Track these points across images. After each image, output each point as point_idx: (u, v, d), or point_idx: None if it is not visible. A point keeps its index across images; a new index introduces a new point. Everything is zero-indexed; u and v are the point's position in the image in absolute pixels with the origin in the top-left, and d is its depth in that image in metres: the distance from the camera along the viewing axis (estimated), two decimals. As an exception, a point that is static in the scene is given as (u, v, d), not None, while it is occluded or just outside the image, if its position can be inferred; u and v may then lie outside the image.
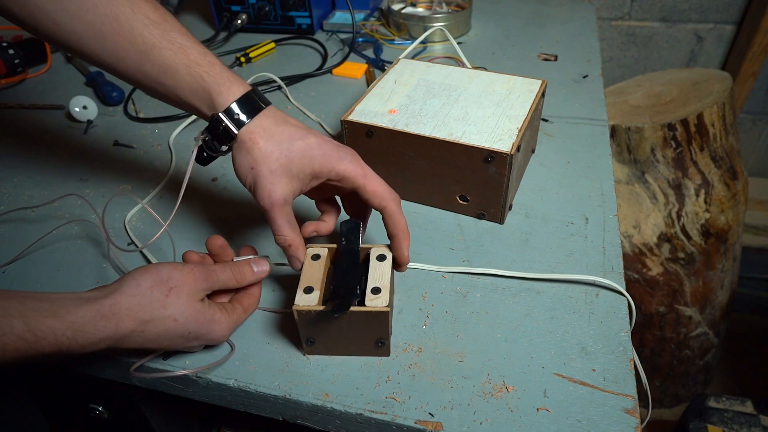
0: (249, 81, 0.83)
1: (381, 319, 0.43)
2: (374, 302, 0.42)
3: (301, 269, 0.46)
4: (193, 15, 1.14)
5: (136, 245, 0.58)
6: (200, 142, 0.47)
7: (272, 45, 0.97)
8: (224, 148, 0.47)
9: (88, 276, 0.55)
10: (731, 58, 1.35)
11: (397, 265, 0.47)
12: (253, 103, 0.46)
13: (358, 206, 0.51)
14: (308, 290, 0.43)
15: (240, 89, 0.46)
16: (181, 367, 0.46)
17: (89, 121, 0.78)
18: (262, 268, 0.48)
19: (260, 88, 0.86)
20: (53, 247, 0.59)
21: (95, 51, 0.46)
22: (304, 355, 0.46)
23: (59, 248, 0.58)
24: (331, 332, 0.44)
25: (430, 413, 0.42)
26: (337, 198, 0.53)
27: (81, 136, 0.76)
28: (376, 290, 0.43)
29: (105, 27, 0.45)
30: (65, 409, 0.70)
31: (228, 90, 0.46)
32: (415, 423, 0.41)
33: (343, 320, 0.43)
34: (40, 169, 0.70)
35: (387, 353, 0.46)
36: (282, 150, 0.45)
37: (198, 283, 0.43)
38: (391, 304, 0.43)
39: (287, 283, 0.53)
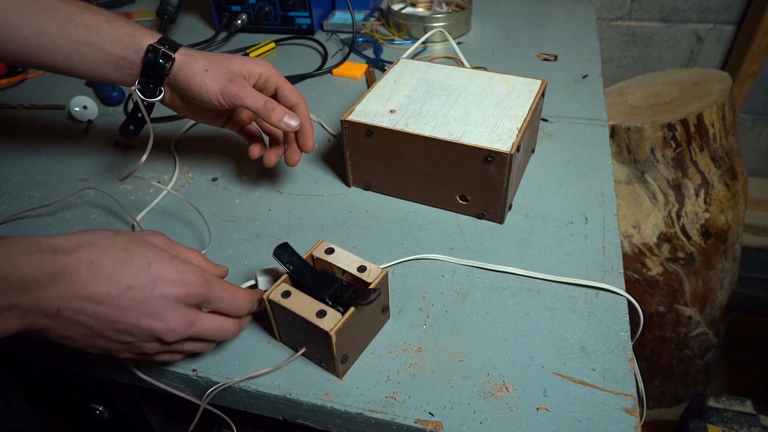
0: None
1: (385, 283, 0.45)
2: (371, 274, 0.44)
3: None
4: (193, 15, 1.14)
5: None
6: (138, 87, 0.52)
7: (272, 45, 0.97)
8: (158, 93, 0.53)
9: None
10: (731, 58, 1.35)
11: (306, 149, 0.58)
12: (172, 41, 0.53)
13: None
14: (321, 314, 0.42)
15: (157, 34, 0.53)
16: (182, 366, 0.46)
17: (89, 121, 0.78)
18: (259, 298, 0.45)
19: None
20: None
21: (20, 32, 0.49)
22: (341, 378, 0.45)
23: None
24: (355, 333, 0.44)
25: (430, 413, 0.42)
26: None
27: (81, 136, 0.76)
28: (361, 268, 0.45)
29: (27, 7, 0.49)
30: (65, 409, 0.70)
31: (150, 34, 0.52)
32: (415, 422, 0.41)
33: (363, 309, 0.43)
34: (40, 169, 0.71)
35: (389, 316, 0.49)
36: (218, 57, 0.54)
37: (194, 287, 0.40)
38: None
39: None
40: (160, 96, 0.54)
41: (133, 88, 0.53)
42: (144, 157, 0.56)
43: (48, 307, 0.35)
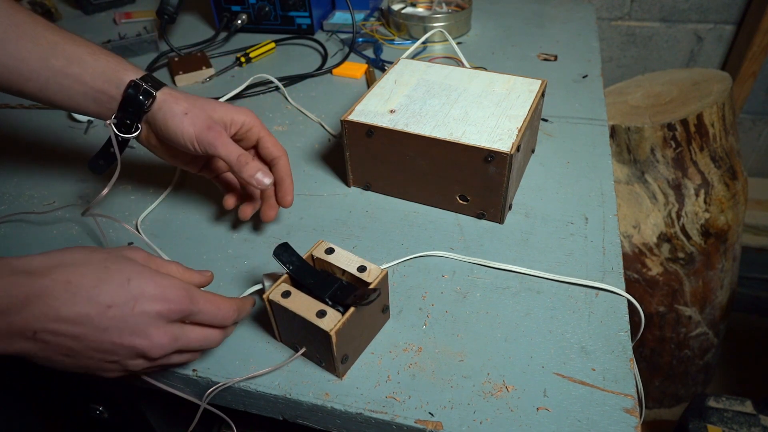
0: (246, 82, 0.83)
1: (385, 283, 0.45)
2: (371, 274, 0.44)
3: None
4: (193, 15, 1.14)
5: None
6: (113, 122, 0.51)
7: (272, 45, 0.97)
8: (134, 129, 0.52)
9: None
10: (731, 58, 1.35)
11: (284, 204, 0.55)
12: (155, 79, 0.52)
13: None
14: (321, 314, 0.42)
15: (141, 71, 0.52)
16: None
17: (90, 122, 0.78)
18: (247, 308, 0.45)
19: (258, 89, 0.86)
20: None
21: None
22: (341, 378, 0.45)
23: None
24: (355, 333, 0.44)
25: (430, 413, 0.42)
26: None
27: (81, 137, 0.76)
28: (361, 268, 0.45)
29: (7, 34, 0.48)
30: (65, 409, 0.70)
31: (133, 70, 0.51)
32: (415, 422, 0.41)
33: (363, 309, 0.43)
34: (40, 169, 0.71)
35: (389, 316, 0.49)
36: (201, 101, 0.52)
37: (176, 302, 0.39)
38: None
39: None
40: (137, 132, 0.52)
41: (108, 122, 0.51)
42: (105, 191, 0.54)
43: (24, 330, 0.34)
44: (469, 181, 0.57)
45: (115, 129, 0.51)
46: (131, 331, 0.37)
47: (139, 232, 0.60)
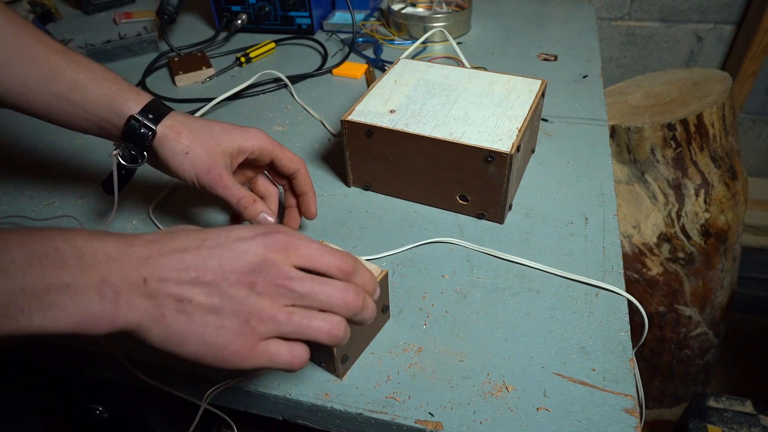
0: (252, 80, 0.84)
1: (384, 283, 0.45)
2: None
3: None
4: (193, 15, 1.14)
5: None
6: (118, 153, 0.50)
7: (272, 45, 0.97)
8: (139, 158, 0.50)
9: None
10: (731, 58, 1.35)
11: (308, 217, 0.54)
12: (160, 108, 0.50)
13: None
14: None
15: (146, 98, 0.50)
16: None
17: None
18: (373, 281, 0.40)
19: (263, 87, 0.86)
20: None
21: (3, 77, 0.48)
22: (341, 378, 0.45)
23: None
24: (355, 333, 0.44)
25: (430, 413, 0.42)
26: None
27: (82, 136, 0.76)
28: None
29: (12, 56, 0.47)
30: (65, 409, 0.70)
31: (135, 99, 0.49)
32: (415, 422, 0.41)
33: None
34: (40, 169, 0.70)
35: (389, 316, 0.49)
36: (205, 134, 0.49)
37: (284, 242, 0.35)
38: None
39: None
40: (141, 162, 0.51)
41: (111, 153, 0.51)
42: (110, 219, 0.56)
43: (134, 278, 0.32)
44: (469, 181, 0.57)
45: (120, 159, 0.50)
46: (237, 249, 0.34)
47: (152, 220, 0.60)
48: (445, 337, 0.48)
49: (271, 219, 0.48)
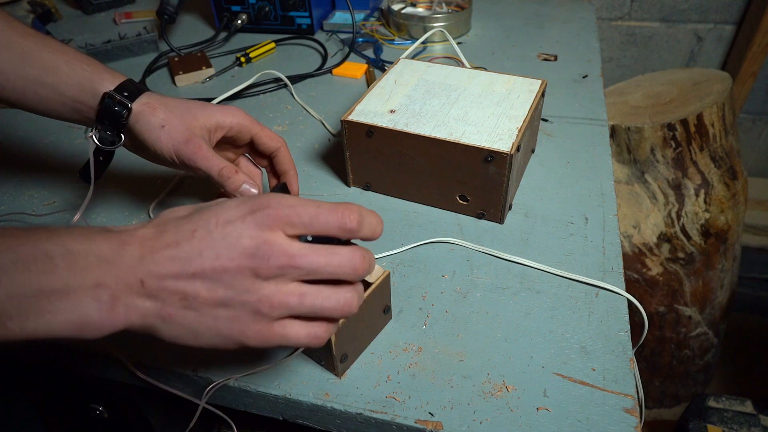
0: (252, 80, 0.84)
1: (386, 284, 0.45)
2: (373, 275, 0.44)
3: None
4: (193, 15, 1.14)
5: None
6: (96, 135, 0.49)
7: (272, 45, 0.97)
8: (116, 140, 0.49)
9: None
10: (731, 58, 1.35)
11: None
12: (135, 86, 0.49)
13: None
14: None
15: (121, 77, 0.49)
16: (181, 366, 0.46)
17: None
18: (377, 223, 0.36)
19: (263, 87, 0.86)
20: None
21: None
22: (340, 377, 0.45)
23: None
24: (355, 333, 0.44)
25: (430, 413, 0.42)
26: None
27: (81, 136, 0.76)
28: None
29: None
30: (65, 409, 0.70)
31: (110, 78, 0.48)
32: (415, 422, 0.41)
33: (363, 306, 0.43)
34: (40, 168, 0.70)
35: (390, 317, 0.49)
36: (182, 109, 0.48)
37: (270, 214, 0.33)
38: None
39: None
40: (119, 144, 0.49)
41: (87, 134, 0.49)
42: (77, 217, 0.53)
43: (131, 279, 0.31)
44: (469, 181, 0.57)
45: (96, 141, 0.49)
46: (234, 240, 0.32)
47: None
48: (445, 337, 0.48)
49: (254, 190, 0.47)
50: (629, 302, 0.50)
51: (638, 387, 0.45)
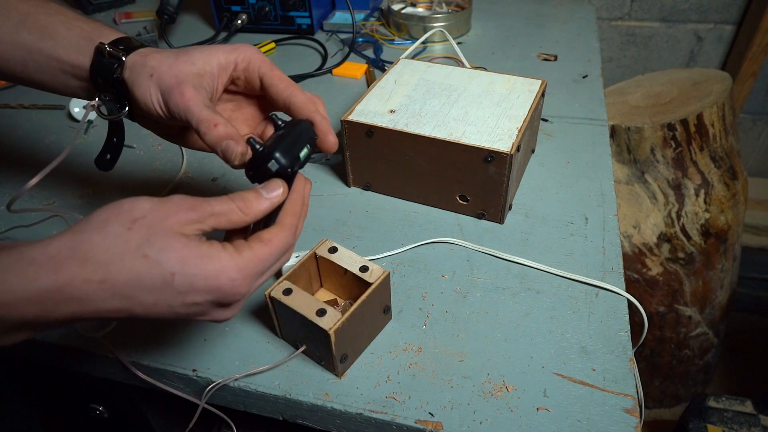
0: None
1: (386, 284, 0.45)
2: (373, 275, 0.45)
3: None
4: (193, 15, 1.14)
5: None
6: (103, 108, 0.44)
7: (272, 45, 0.97)
8: (119, 108, 0.44)
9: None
10: (731, 58, 1.35)
11: (327, 148, 0.43)
12: (133, 42, 0.44)
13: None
14: (321, 312, 0.42)
15: (120, 34, 0.44)
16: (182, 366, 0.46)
17: (89, 122, 0.78)
18: (275, 192, 0.37)
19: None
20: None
21: None
22: (340, 377, 0.45)
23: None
24: (355, 333, 0.44)
25: (430, 413, 0.42)
26: None
27: (81, 136, 0.76)
28: (363, 268, 0.45)
29: None
30: (65, 409, 0.70)
31: (108, 34, 0.44)
32: (415, 422, 0.41)
33: (363, 306, 0.43)
34: (40, 168, 0.70)
35: (390, 317, 0.49)
36: (179, 54, 0.42)
37: (179, 213, 0.33)
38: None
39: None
40: (124, 111, 0.44)
41: (90, 102, 0.44)
42: (34, 180, 0.43)
43: (61, 320, 0.31)
44: (469, 181, 0.57)
45: (99, 111, 0.44)
46: (185, 314, 0.34)
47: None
48: (445, 337, 0.48)
49: (239, 149, 0.38)
50: (629, 302, 0.50)
51: (638, 387, 0.45)
